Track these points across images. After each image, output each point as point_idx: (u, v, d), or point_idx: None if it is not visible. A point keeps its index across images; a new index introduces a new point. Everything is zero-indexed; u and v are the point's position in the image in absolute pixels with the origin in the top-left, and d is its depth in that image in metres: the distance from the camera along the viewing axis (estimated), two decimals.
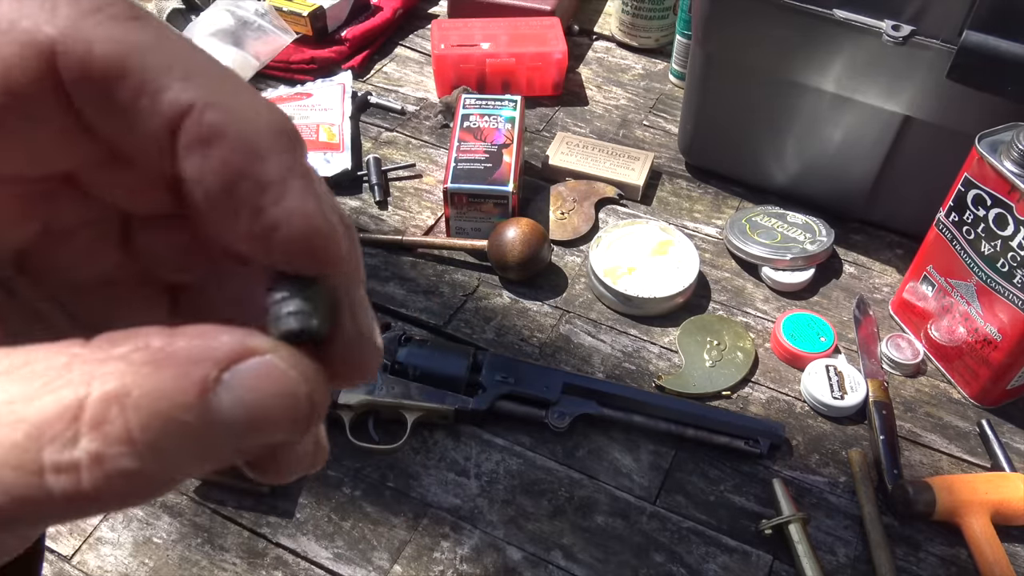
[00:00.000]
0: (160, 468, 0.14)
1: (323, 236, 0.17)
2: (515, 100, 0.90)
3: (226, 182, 0.16)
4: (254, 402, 0.15)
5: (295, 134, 0.17)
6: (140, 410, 0.14)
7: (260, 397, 0.15)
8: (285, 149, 0.16)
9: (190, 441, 0.14)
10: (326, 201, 0.17)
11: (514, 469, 0.67)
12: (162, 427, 0.14)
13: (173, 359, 0.15)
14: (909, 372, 0.75)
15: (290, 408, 0.15)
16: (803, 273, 0.81)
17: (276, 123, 0.16)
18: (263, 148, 0.16)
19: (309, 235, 0.16)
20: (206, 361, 0.15)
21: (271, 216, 0.16)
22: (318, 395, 0.16)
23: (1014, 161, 0.62)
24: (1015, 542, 0.64)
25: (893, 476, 0.65)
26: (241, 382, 0.15)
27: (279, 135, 0.16)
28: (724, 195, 0.92)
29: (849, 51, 0.73)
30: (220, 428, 0.15)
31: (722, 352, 0.75)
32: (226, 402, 0.15)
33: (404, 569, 0.62)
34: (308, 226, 0.16)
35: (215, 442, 0.15)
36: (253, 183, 0.16)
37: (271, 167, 0.16)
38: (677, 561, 0.62)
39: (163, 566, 0.61)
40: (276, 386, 0.15)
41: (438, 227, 0.87)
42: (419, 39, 1.13)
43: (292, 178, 0.16)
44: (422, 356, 0.68)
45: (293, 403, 0.15)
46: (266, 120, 0.16)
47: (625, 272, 0.79)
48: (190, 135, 0.15)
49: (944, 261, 0.71)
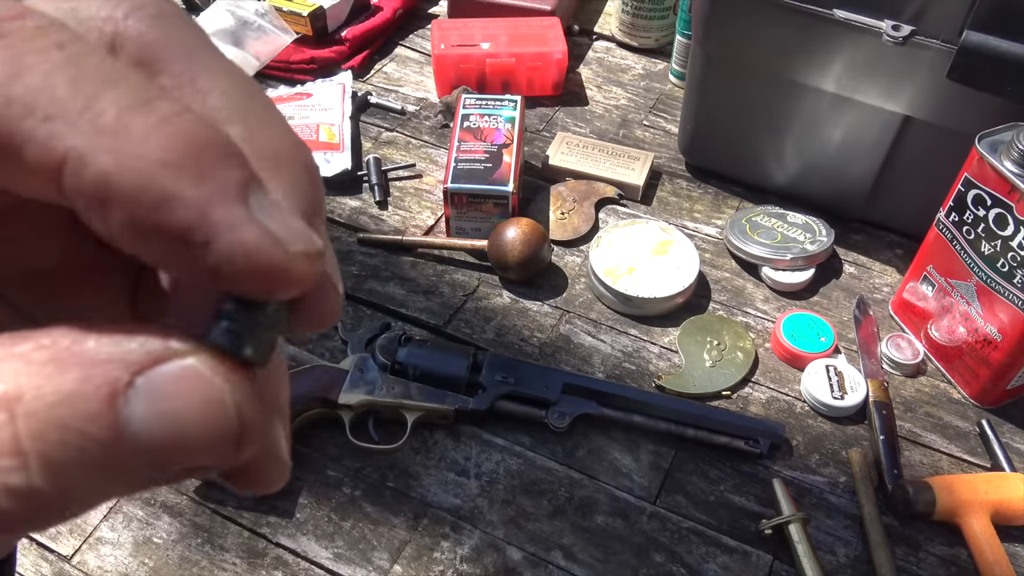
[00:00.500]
0: (57, 488, 0.12)
1: (274, 264, 0.14)
2: (515, 100, 0.90)
3: (141, 240, 0.13)
4: (171, 413, 0.13)
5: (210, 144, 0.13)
6: (33, 417, 0.12)
7: (179, 407, 0.13)
8: (196, 174, 0.13)
9: (94, 457, 0.12)
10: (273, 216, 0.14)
11: (514, 469, 0.67)
12: (60, 438, 0.12)
13: (79, 359, 0.12)
14: (909, 372, 0.75)
15: (215, 423, 0.13)
16: (803, 273, 0.81)
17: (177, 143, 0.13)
18: (168, 188, 0.13)
19: (257, 268, 0.14)
20: (117, 363, 0.13)
21: (209, 261, 0.13)
22: (249, 411, 0.14)
23: (1014, 161, 0.62)
24: (1015, 542, 0.64)
25: (893, 476, 0.65)
26: (156, 388, 0.13)
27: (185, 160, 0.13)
28: (724, 195, 0.92)
29: (849, 51, 0.73)
30: (131, 443, 0.13)
31: (722, 352, 0.75)
32: (138, 412, 0.13)
33: (404, 569, 0.62)
34: (252, 261, 0.13)
35: (125, 460, 0.13)
36: (172, 236, 0.13)
37: (184, 211, 0.13)
38: (677, 561, 0.62)
39: (163, 566, 0.61)
40: (198, 395, 0.13)
41: (438, 227, 0.87)
42: (419, 39, 1.13)
43: (216, 209, 0.13)
44: (422, 356, 0.68)
45: (219, 417, 0.13)
46: (162, 146, 0.13)
47: (625, 272, 0.79)
48: (76, 194, 0.13)
49: (944, 261, 0.71)
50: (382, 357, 0.68)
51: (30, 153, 0.13)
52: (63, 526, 0.63)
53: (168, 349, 0.13)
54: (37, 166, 0.13)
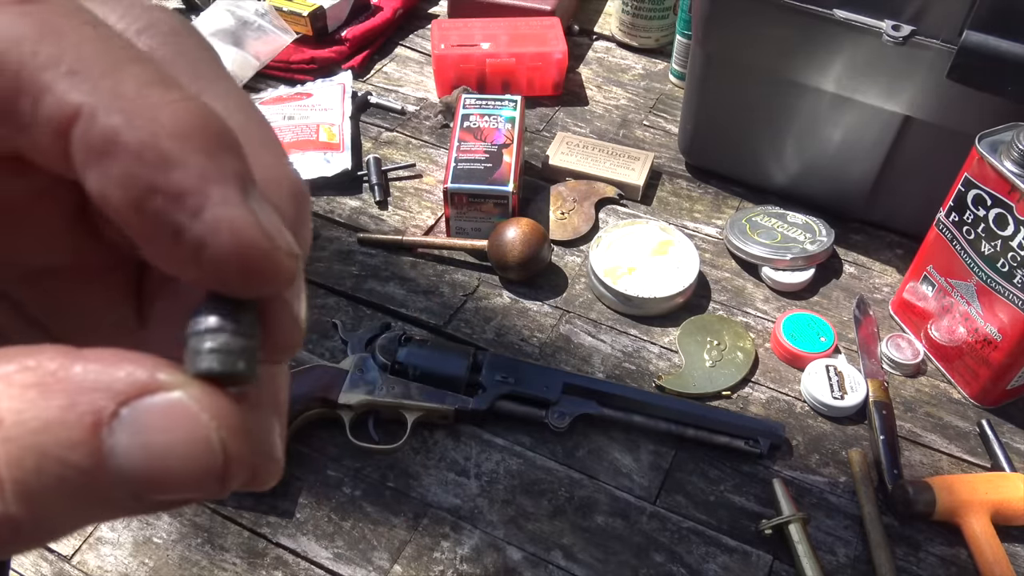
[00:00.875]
0: (32, 516, 0.12)
1: (258, 251, 0.14)
2: (515, 100, 0.90)
3: (133, 200, 0.13)
4: (156, 446, 0.13)
5: (219, 133, 0.14)
6: (13, 443, 0.12)
7: (163, 442, 0.13)
8: (202, 151, 0.13)
9: (74, 486, 0.12)
10: (264, 210, 0.14)
11: (514, 469, 0.67)
12: (39, 466, 0.12)
13: (64, 385, 0.12)
14: (909, 372, 0.75)
15: (199, 460, 0.13)
16: (803, 273, 0.81)
17: (189, 121, 0.13)
18: (172, 153, 0.13)
19: (241, 251, 0.13)
20: (103, 392, 0.12)
21: (193, 233, 0.13)
22: (235, 447, 0.13)
23: (1014, 161, 0.62)
24: (1015, 542, 0.64)
25: (893, 476, 0.65)
26: (141, 420, 0.13)
27: (193, 135, 0.13)
28: (724, 195, 0.92)
29: (849, 51, 0.73)
30: (113, 473, 0.12)
31: (722, 352, 0.75)
32: (122, 443, 0.12)
33: (404, 569, 0.62)
34: (238, 241, 0.13)
35: (106, 490, 0.12)
36: (164, 197, 0.13)
37: (183, 174, 0.13)
38: (677, 561, 0.62)
39: (163, 566, 0.61)
40: (183, 431, 0.13)
41: (438, 227, 0.87)
42: (419, 39, 1.13)
43: (213, 184, 0.13)
44: (422, 356, 0.68)
45: (204, 453, 0.13)
46: (175, 118, 0.13)
47: (625, 272, 0.79)
48: (82, 146, 0.13)
49: (944, 261, 0.71)
50: (382, 357, 0.68)
51: (47, 103, 0.13)
52: None
53: (155, 380, 0.13)
54: (51, 117, 0.13)
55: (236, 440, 0.13)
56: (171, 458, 0.13)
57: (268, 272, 0.14)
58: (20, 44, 0.13)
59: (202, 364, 0.14)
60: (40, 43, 0.13)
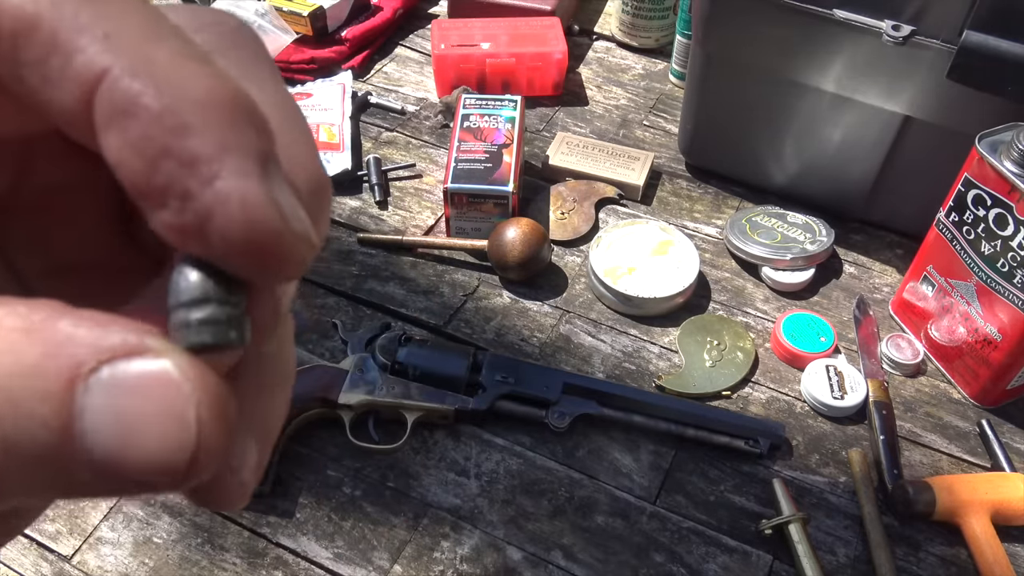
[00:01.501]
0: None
1: (270, 229, 0.13)
2: (515, 100, 0.90)
3: (147, 160, 0.13)
4: (128, 414, 0.12)
5: (247, 109, 0.13)
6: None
7: (137, 409, 0.12)
8: (225, 122, 0.13)
9: (36, 446, 0.12)
10: (283, 191, 0.14)
11: (514, 469, 0.67)
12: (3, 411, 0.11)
13: (48, 334, 0.12)
14: (909, 372, 0.75)
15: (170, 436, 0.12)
16: (803, 273, 0.81)
17: (217, 93, 0.13)
18: (193, 119, 0.13)
19: (250, 226, 0.13)
20: (86, 346, 0.12)
21: (202, 201, 0.13)
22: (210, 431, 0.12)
23: (1014, 161, 0.62)
24: (1015, 542, 0.64)
25: (893, 476, 0.65)
26: (120, 382, 0.12)
27: (218, 107, 0.13)
28: (724, 195, 0.92)
29: (849, 51, 0.73)
30: (78, 439, 0.12)
31: (722, 352, 0.75)
32: (94, 403, 0.12)
33: (404, 569, 0.62)
34: (247, 214, 0.13)
35: (68, 458, 0.12)
36: (177, 161, 0.13)
37: (200, 141, 0.13)
38: (677, 561, 0.62)
39: (163, 566, 0.61)
40: (161, 400, 0.12)
41: (438, 227, 0.87)
42: (419, 39, 1.13)
43: (231, 155, 0.13)
44: (422, 356, 0.68)
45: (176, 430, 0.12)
46: (201, 89, 0.13)
47: (625, 272, 0.79)
48: (104, 105, 0.13)
49: (944, 261, 0.71)
50: (382, 357, 0.68)
51: (77, 62, 0.13)
52: (63, 525, 0.63)
53: (142, 344, 0.12)
54: (78, 76, 0.13)
55: (213, 423, 0.13)
56: (141, 429, 0.12)
57: (277, 254, 0.13)
58: (63, 6, 0.13)
59: (191, 337, 0.13)
60: (82, 8, 0.13)
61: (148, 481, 0.12)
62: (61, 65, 0.13)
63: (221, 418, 0.13)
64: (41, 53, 0.13)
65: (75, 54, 0.12)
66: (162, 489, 0.13)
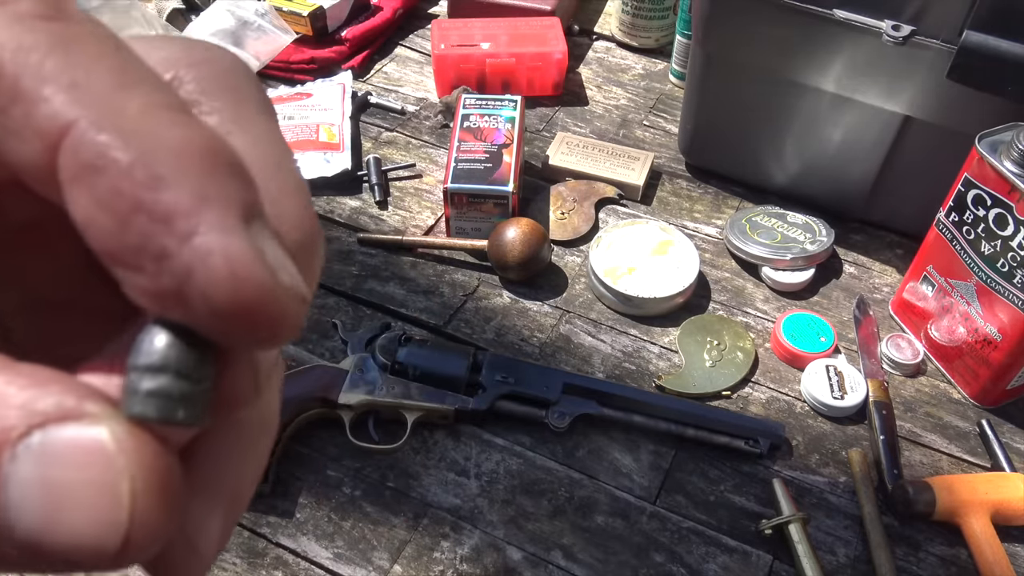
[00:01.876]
0: None
1: (258, 286, 0.12)
2: (515, 100, 0.90)
3: (118, 218, 0.12)
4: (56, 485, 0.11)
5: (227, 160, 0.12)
6: None
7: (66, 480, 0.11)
8: (202, 173, 0.12)
9: None
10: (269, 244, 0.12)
11: (514, 469, 0.67)
12: None
13: None
14: (909, 372, 0.75)
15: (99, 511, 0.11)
16: (803, 273, 0.81)
17: (192, 143, 0.12)
18: (166, 172, 0.12)
19: (234, 283, 0.12)
20: (18, 409, 0.11)
21: (180, 260, 0.12)
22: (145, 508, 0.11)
23: (1014, 161, 0.62)
24: (1015, 542, 0.64)
25: (893, 476, 0.65)
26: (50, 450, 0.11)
27: (194, 157, 0.12)
28: (724, 195, 0.92)
29: (849, 51, 0.73)
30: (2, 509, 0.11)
31: (722, 352, 0.75)
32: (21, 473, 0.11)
33: (404, 569, 0.62)
34: (231, 269, 0.12)
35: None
36: (150, 216, 0.12)
37: (175, 194, 0.12)
38: (677, 561, 0.62)
39: None
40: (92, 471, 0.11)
41: (438, 227, 0.87)
42: (419, 39, 1.13)
43: (210, 208, 0.12)
44: (422, 356, 0.68)
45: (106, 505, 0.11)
46: (175, 138, 0.12)
47: (625, 272, 0.79)
48: (69, 160, 0.12)
49: (944, 261, 0.71)
50: (382, 357, 0.68)
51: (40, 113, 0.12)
52: None
53: (79, 409, 0.11)
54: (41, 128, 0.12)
55: (150, 499, 0.11)
56: (69, 503, 0.11)
57: (267, 313, 0.12)
58: (28, 53, 0.12)
59: (135, 407, 0.12)
60: (49, 55, 0.12)
61: (75, 561, 0.11)
62: (23, 115, 0.12)
63: (160, 494, 0.12)
64: (2, 102, 0.12)
65: (39, 104, 0.12)
66: (94, 570, 0.11)
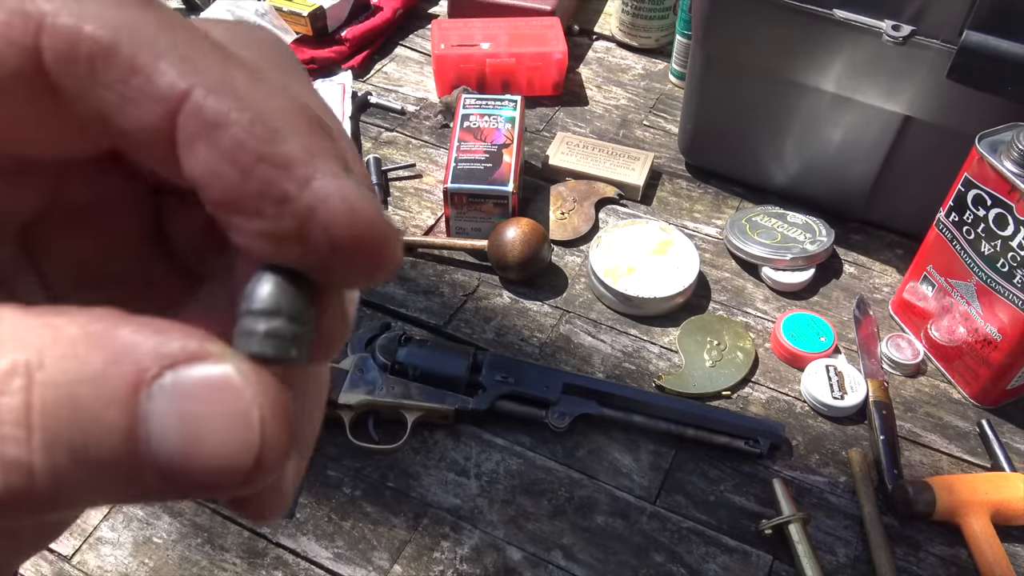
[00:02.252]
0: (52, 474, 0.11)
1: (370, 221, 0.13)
2: (515, 100, 0.90)
3: (241, 168, 0.13)
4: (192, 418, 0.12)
5: (321, 122, 0.14)
6: (50, 388, 0.11)
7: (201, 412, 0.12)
8: (308, 132, 0.14)
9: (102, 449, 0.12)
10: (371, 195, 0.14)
11: (514, 469, 0.67)
12: (72, 418, 0.11)
13: (111, 342, 0.12)
14: (909, 372, 0.75)
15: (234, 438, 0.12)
16: (803, 273, 0.81)
17: (294, 108, 0.14)
18: (281, 129, 0.13)
19: (353, 219, 0.13)
20: (148, 353, 0.12)
21: (301, 202, 0.13)
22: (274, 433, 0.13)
23: (1014, 161, 0.62)
24: (1015, 542, 0.64)
25: (893, 476, 0.65)
26: (183, 388, 0.12)
27: (299, 119, 0.14)
28: (724, 195, 0.92)
29: (849, 51, 0.73)
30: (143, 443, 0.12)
31: (722, 352, 0.75)
32: (158, 410, 0.12)
33: (404, 569, 0.62)
34: (350, 208, 0.13)
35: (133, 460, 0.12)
36: (272, 165, 0.13)
37: (291, 146, 0.13)
38: (677, 561, 0.62)
39: (163, 566, 0.61)
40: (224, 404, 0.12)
41: (438, 227, 0.87)
42: (419, 39, 1.13)
43: (319, 158, 0.13)
44: (422, 356, 0.68)
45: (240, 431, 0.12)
46: (281, 104, 0.14)
47: (625, 272, 0.79)
48: (191, 121, 0.13)
49: (944, 261, 0.71)
50: (382, 357, 0.68)
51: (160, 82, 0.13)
52: None
53: (203, 349, 0.12)
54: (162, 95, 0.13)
55: (276, 424, 0.13)
56: (206, 432, 0.12)
57: (382, 247, 0.14)
58: (142, 31, 0.13)
59: (253, 346, 0.13)
60: (159, 33, 0.13)
61: (213, 483, 0.12)
62: (142, 85, 0.13)
63: (283, 419, 0.13)
64: (120, 75, 0.13)
65: (156, 76, 0.13)
66: (226, 491, 0.13)
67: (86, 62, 0.13)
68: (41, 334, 0.12)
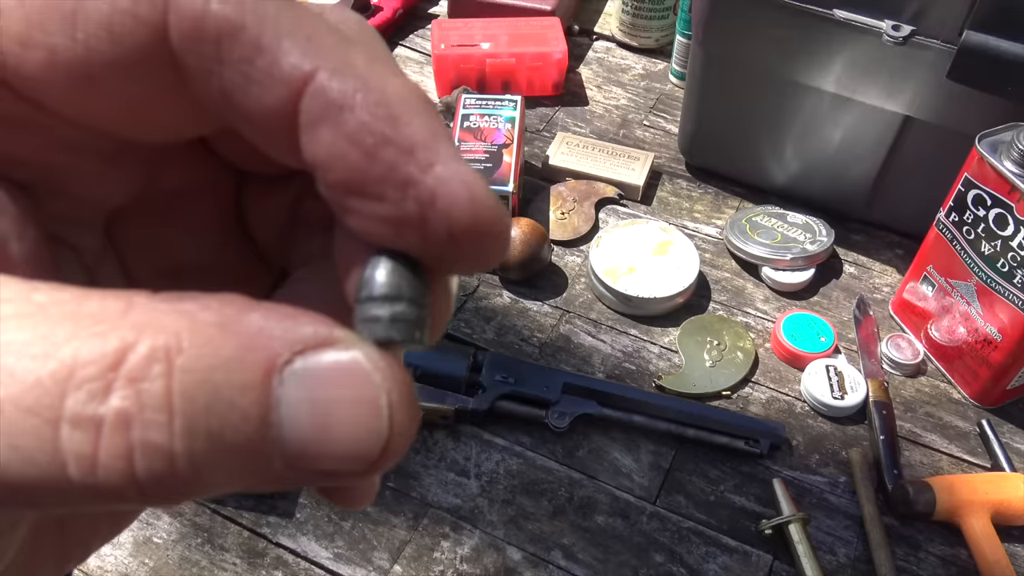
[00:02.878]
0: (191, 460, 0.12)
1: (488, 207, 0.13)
2: (515, 100, 0.90)
3: (365, 151, 0.13)
4: (322, 403, 0.12)
5: (432, 104, 0.14)
6: (188, 374, 0.11)
7: (331, 398, 0.12)
8: (426, 114, 0.14)
9: (237, 436, 0.12)
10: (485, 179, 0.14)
11: (514, 469, 0.67)
12: (209, 405, 0.12)
13: (243, 327, 0.12)
14: (909, 372, 0.75)
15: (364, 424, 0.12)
16: (803, 273, 0.81)
17: (412, 91, 0.14)
18: (403, 113, 0.13)
19: (475, 205, 0.13)
20: (279, 339, 0.12)
21: (424, 186, 0.13)
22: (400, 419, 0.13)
23: (1014, 161, 0.62)
24: (1015, 542, 0.64)
25: (893, 476, 0.65)
26: (313, 373, 0.12)
27: (417, 103, 0.14)
28: (724, 195, 0.92)
29: (849, 51, 0.73)
30: (275, 429, 0.12)
31: (722, 352, 0.75)
32: (290, 394, 0.12)
33: (404, 569, 0.62)
34: (471, 194, 0.13)
35: (264, 446, 0.12)
36: (396, 148, 0.13)
37: (413, 130, 0.13)
38: (677, 561, 0.62)
39: (163, 566, 0.61)
40: (354, 390, 0.12)
41: None
42: (419, 39, 1.13)
43: (439, 142, 0.13)
44: (422, 356, 0.68)
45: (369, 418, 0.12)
46: (399, 87, 0.14)
47: (625, 272, 0.79)
48: (316, 102, 0.13)
49: (944, 261, 0.71)
50: None
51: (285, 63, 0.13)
52: None
53: (332, 336, 0.12)
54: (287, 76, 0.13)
55: (403, 410, 0.13)
56: (336, 419, 0.12)
57: (496, 232, 0.14)
58: (263, 10, 0.13)
59: (379, 332, 0.13)
60: (282, 14, 0.13)
61: (339, 470, 0.12)
62: (266, 65, 0.13)
63: (410, 405, 0.13)
64: (245, 54, 0.13)
65: (281, 56, 0.13)
66: (350, 478, 0.13)
67: (212, 41, 0.13)
68: (177, 320, 0.12)
